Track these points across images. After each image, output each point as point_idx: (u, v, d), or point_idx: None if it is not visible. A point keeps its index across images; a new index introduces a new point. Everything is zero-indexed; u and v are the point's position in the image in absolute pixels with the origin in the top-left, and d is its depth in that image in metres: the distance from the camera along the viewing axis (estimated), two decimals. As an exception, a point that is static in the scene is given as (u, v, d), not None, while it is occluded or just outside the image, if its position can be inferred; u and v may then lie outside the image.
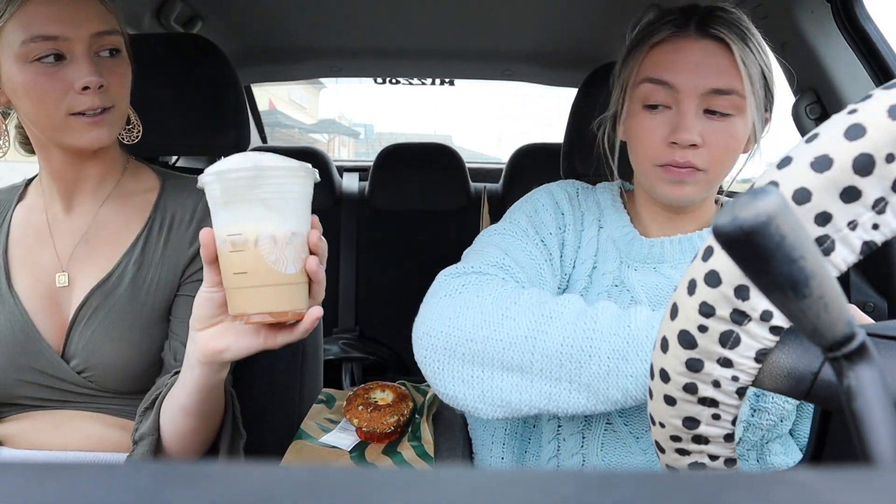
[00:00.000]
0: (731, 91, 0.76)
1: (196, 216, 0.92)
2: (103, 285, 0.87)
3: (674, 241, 0.84)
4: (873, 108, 0.34)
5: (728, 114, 0.76)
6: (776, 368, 0.38)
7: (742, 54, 0.76)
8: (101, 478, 0.17)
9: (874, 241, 0.35)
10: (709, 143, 0.77)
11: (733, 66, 0.76)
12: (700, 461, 0.44)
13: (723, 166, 0.79)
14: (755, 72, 0.77)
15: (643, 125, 0.80)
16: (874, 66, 1.16)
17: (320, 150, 2.31)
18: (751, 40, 0.78)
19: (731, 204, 0.26)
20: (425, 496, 0.17)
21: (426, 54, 2.06)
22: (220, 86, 1.10)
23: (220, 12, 1.69)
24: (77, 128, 0.81)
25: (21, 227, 0.92)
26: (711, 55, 0.77)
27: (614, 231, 0.87)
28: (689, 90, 0.76)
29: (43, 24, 0.77)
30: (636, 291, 0.82)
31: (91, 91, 0.79)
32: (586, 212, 0.91)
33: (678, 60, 0.78)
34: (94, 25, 0.80)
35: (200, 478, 0.17)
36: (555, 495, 0.17)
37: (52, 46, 0.78)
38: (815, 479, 0.18)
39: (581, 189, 0.94)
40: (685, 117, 0.76)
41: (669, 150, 0.78)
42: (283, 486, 0.17)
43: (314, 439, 0.89)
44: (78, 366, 0.85)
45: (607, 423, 0.81)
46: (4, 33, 0.78)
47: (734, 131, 0.77)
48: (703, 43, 0.77)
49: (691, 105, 0.76)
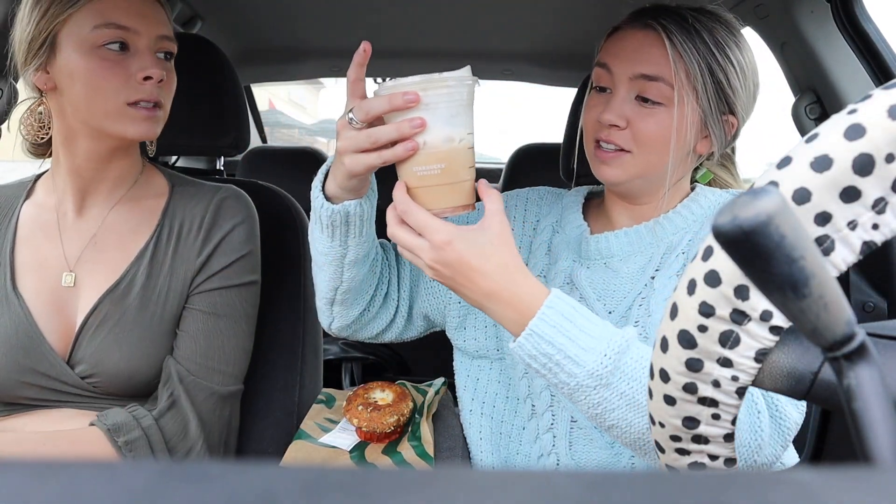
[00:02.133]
0: (658, 77, 0.79)
1: (204, 226, 0.92)
2: (113, 292, 0.87)
3: (618, 235, 0.86)
4: (873, 108, 0.34)
5: (658, 102, 0.79)
6: (776, 368, 0.38)
7: (680, 47, 0.78)
8: (101, 478, 0.17)
9: (874, 241, 0.35)
10: (634, 126, 0.80)
11: (665, 56, 0.79)
12: (700, 461, 0.44)
13: (649, 152, 0.81)
14: (695, 67, 0.79)
15: (588, 104, 0.86)
16: (874, 66, 1.16)
17: (320, 151, 2.31)
18: (700, 38, 0.79)
19: (731, 204, 0.26)
20: (425, 496, 0.17)
21: (426, 54, 2.06)
22: (220, 86, 1.10)
23: (220, 12, 1.69)
24: (132, 117, 0.83)
25: (29, 225, 0.91)
26: (648, 44, 0.80)
27: (569, 232, 0.91)
28: (620, 73, 0.81)
29: (118, 14, 0.81)
30: (584, 289, 0.85)
31: (152, 83, 0.83)
32: (542, 218, 0.95)
33: (617, 46, 0.83)
34: (161, 28, 0.85)
35: (200, 478, 0.17)
36: (555, 495, 0.17)
37: (121, 35, 0.81)
38: (815, 479, 0.18)
39: (547, 195, 0.98)
40: (613, 99, 0.81)
41: (598, 128, 0.82)
42: (283, 486, 0.17)
43: (314, 439, 0.89)
44: (84, 371, 0.85)
45: (572, 420, 0.83)
46: (75, 19, 0.81)
47: (661, 120, 0.79)
48: (643, 32, 0.81)
49: (622, 88, 0.81)
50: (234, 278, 0.92)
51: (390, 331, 0.94)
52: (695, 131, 0.81)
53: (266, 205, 1.10)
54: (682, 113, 0.79)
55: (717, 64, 0.80)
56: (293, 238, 1.12)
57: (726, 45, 0.81)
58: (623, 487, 0.17)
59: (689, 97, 0.79)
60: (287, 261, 1.11)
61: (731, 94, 0.81)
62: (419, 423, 0.92)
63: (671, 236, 0.84)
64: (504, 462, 0.89)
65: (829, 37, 1.19)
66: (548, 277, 0.89)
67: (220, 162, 1.48)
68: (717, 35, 0.80)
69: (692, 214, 0.85)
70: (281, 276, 1.09)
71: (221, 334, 0.90)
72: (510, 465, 0.88)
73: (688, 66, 0.79)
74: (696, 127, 0.81)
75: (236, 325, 0.91)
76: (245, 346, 0.94)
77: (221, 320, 0.90)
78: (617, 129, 0.81)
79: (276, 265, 1.09)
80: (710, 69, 0.79)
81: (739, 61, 0.81)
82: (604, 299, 0.84)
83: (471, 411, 0.94)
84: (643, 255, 0.84)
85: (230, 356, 0.91)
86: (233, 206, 0.94)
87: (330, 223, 0.79)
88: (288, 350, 1.07)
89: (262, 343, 1.06)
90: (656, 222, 0.84)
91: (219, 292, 0.90)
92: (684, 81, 0.79)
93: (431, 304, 0.94)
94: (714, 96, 0.80)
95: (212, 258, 0.91)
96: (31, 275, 0.88)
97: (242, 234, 0.93)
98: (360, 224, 0.81)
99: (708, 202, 0.86)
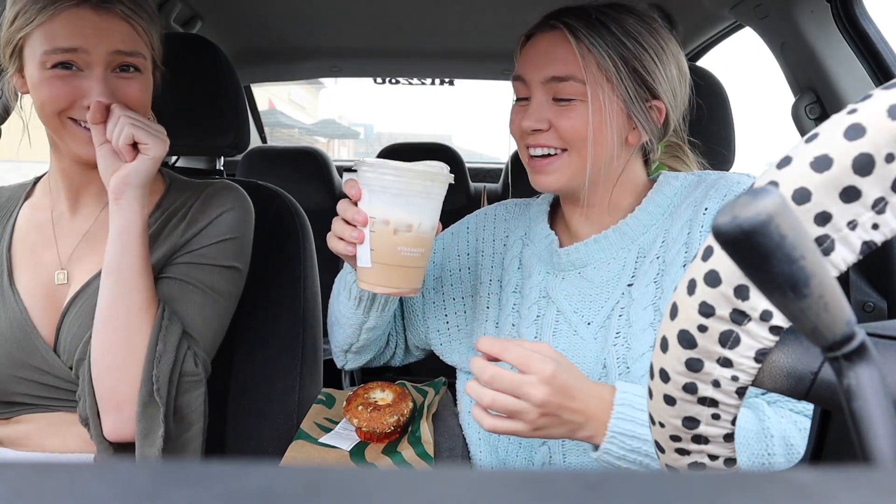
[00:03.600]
0: (569, 77, 0.79)
1: (192, 212, 0.93)
2: (94, 281, 0.88)
3: (588, 244, 0.85)
4: (873, 107, 0.34)
5: (572, 99, 0.79)
6: (776, 368, 0.38)
7: (587, 41, 0.78)
8: (101, 478, 0.17)
9: (874, 241, 0.35)
10: (557, 127, 0.80)
11: (573, 53, 0.79)
12: (700, 461, 0.44)
13: (580, 149, 0.80)
14: (605, 58, 0.78)
15: (512, 117, 0.87)
16: (874, 66, 1.16)
17: (320, 150, 2.32)
18: (607, 30, 0.79)
19: (732, 204, 0.26)
20: (425, 496, 0.17)
21: (426, 54, 2.06)
22: (220, 86, 1.10)
23: (220, 12, 1.69)
24: (76, 136, 0.84)
25: (26, 224, 0.93)
26: (555, 45, 0.81)
27: (538, 243, 0.91)
28: (533, 80, 0.82)
29: (66, 37, 0.80)
30: (560, 303, 0.85)
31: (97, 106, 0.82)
32: (510, 232, 0.96)
33: (529, 53, 0.84)
34: (116, 43, 0.83)
35: (200, 478, 0.17)
36: (555, 495, 0.17)
37: (67, 57, 0.81)
38: (815, 479, 0.18)
39: (514, 208, 0.99)
40: (531, 105, 0.82)
41: (524, 136, 0.83)
42: (283, 486, 0.17)
43: (314, 439, 0.89)
44: (68, 361, 0.85)
45: None
46: (31, 39, 0.82)
47: (579, 115, 0.79)
48: (549, 35, 0.82)
49: (538, 93, 0.82)
50: (213, 258, 0.91)
51: (393, 360, 1.03)
52: (619, 122, 0.81)
53: (266, 205, 1.10)
54: (598, 106, 0.79)
55: (628, 51, 0.79)
56: (293, 238, 1.12)
57: (637, 32, 0.80)
58: (623, 487, 0.17)
59: (604, 89, 0.79)
60: (287, 261, 1.11)
61: (650, 79, 0.80)
62: (419, 423, 0.92)
63: (641, 236, 0.83)
64: (502, 464, 0.89)
65: (828, 37, 1.19)
66: (522, 293, 0.89)
67: (219, 162, 1.48)
68: (625, 25, 0.80)
69: (658, 207, 0.84)
70: (280, 277, 1.09)
71: (186, 300, 0.88)
72: (509, 466, 0.88)
73: (598, 59, 0.79)
74: (620, 117, 0.81)
75: (204, 296, 0.89)
76: (210, 318, 0.90)
77: (188, 288, 0.88)
78: (542, 133, 0.81)
79: (276, 265, 1.09)
80: (622, 57, 0.79)
81: (654, 45, 0.80)
82: (581, 311, 0.84)
83: (468, 412, 0.94)
84: (616, 261, 0.84)
85: (192, 321, 0.87)
86: (222, 196, 0.95)
87: (357, 297, 0.86)
88: (288, 350, 1.07)
89: (261, 343, 1.06)
90: (624, 223, 0.84)
91: (192, 266, 0.90)
92: (596, 74, 0.79)
93: (420, 339, 1.01)
94: (632, 84, 0.79)
95: (195, 238, 0.91)
96: (27, 273, 0.89)
97: (229, 219, 0.93)
98: (385, 303, 0.87)
99: (672, 189, 0.84)
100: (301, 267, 1.11)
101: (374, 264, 0.74)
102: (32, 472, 0.17)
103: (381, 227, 0.73)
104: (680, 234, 0.80)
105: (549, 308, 0.86)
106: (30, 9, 0.80)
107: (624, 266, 0.83)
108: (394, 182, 0.72)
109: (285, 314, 1.08)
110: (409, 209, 0.73)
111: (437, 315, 0.97)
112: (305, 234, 1.13)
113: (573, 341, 0.83)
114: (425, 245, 0.75)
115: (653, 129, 0.82)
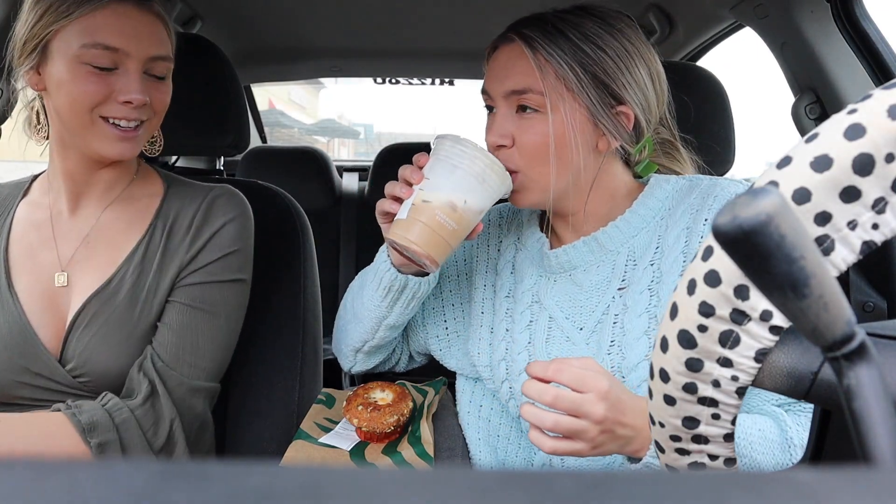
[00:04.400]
0: (526, 90, 0.78)
1: (195, 222, 0.92)
2: (103, 291, 0.87)
3: (577, 245, 0.84)
4: (873, 107, 0.34)
5: (535, 110, 0.79)
6: (776, 368, 0.38)
7: (543, 51, 0.77)
8: (101, 478, 0.17)
9: (874, 241, 0.35)
10: (519, 144, 0.79)
11: (530, 65, 0.78)
12: (700, 461, 0.44)
13: (540, 164, 0.79)
14: (563, 67, 0.77)
15: (485, 128, 0.86)
16: (874, 66, 1.16)
17: (320, 150, 2.32)
18: (564, 38, 0.77)
19: (732, 203, 0.26)
20: (425, 496, 0.17)
21: (426, 54, 2.06)
22: (220, 86, 1.10)
23: (220, 12, 1.69)
24: (105, 135, 0.83)
25: (23, 224, 0.92)
26: (514, 57, 0.80)
27: (530, 246, 0.91)
28: (494, 93, 0.82)
29: (108, 34, 0.80)
30: (552, 309, 0.85)
31: (131, 106, 0.82)
32: (504, 237, 0.95)
33: (492, 66, 0.84)
34: (154, 48, 0.84)
35: (200, 478, 0.17)
36: (555, 495, 0.17)
37: (109, 56, 0.81)
38: (815, 479, 0.18)
39: (507, 212, 0.98)
40: (495, 119, 0.82)
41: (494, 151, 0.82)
42: (283, 486, 0.17)
43: (314, 439, 0.89)
44: (74, 370, 0.85)
45: None
46: (66, 32, 0.80)
47: (540, 128, 0.78)
48: (508, 47, 0.81)
49: (501, 106, 0.81)
50: (219, 274, 0.91)
51: (398, 366, 1.04)
52: (585, 130, 0.79)
53: (266, 205, 1.10)
54: (559, 117, 0.77)
55: (587, 58, 0.77)
56: (293, 238, 1.11)
57: (597, 35, 0.78)
58: (623, 487, 0.17)
59: (564, 99, 0.77)
60: (287, 261, 1.11)
61: (614, 85, 0.78)
62: (419, 423, 0.92)
63: (631, 239, 0.82)
64: (502, 464, 0.89)
65: (828, 37, 1.19)
66: (515, 297, 0.89)
67: (219, 162, 1.48)
68: (584, 29, 0.78)
69: (649, 211, 0.82)
70: (280, 277, 1.09)
71: (197, 328, 0.89)
72: (508, 465, 0.88)
73: (555, 68, 0.77)
74: (586, 126, 0.79)
75: (213, 321, 0.90)
76: (221, 342, 0.92)
77: (198, 314, 0.89)
78: (506, 150, 0.80)
79: (276, 265, 1.09)
80: (580, 64, 0.77)
81: (615, 48, 0.78)
82: (572, 317, 0.83)
83: (468, 412, 0.95)
84: (605, 264, 0.83)
85: (203, 350, 0.89)
86: (225, 204, 0.94)
87: (388, 286, 0.85)
88: (288, 350, 1.07)
89: (261, 343, 1.06)
90: (613, 225, 0.82)
91: (200, 286, 0.90)
92: (555, 84, 0.77)
93: (420, 345, 1.01)
94: (594, 90, 0.77)
95: (200, 254, 0.91)
96: (25, 274, 0.88)
97: (232, 230, 0.93)
98: (412, 298, 0.87)
99: (663, 192, 0.83)
100: (301, 267, 1.11)
101: (408, 217, 0.76)
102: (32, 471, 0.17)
103: (431, 189, 0.76)
104: (676, 241, 0.78)
105: (541, 314, 0.85)
106: (65, 1, 0.80)
107: (613, 269, 0.82)
108: (456, 153, 0.75)
109: (285, 314, 1.08)
110: (461, 184, 0.76)
111: (437, 321, 0.97)
112: (305, 234, 1.13)
113: (566, 347, 0.83)
114: (461, 225, 0.77)
115: (623, 134, 0.80)
